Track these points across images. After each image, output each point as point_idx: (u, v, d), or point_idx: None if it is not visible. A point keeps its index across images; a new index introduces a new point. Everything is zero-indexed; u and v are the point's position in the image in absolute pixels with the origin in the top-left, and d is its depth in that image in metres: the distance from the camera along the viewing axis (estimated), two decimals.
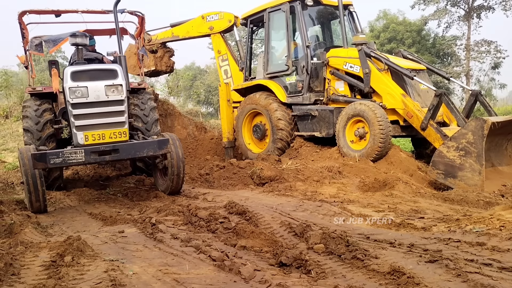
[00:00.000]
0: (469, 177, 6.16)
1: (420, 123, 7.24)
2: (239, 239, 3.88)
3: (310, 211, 4.92)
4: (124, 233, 4.24)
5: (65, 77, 5.61)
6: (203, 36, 11.12)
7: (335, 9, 9.21)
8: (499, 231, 3.68)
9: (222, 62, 10.83)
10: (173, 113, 12.01)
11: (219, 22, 10.68)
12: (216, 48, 10.91)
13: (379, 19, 34.39)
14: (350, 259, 3.27)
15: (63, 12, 7.51)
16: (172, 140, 6.22)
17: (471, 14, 30.02)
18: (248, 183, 7.12)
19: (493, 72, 30.78)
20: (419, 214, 4.64)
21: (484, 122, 6.06)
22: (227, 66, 10.76)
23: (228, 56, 10.70)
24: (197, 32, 10.96)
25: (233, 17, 10.53)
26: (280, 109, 9.00)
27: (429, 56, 30.06)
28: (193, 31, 11.00)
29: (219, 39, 10.80)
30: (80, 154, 5.40)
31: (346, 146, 7.88)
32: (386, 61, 7.91)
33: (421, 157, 8.10)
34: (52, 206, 6.12)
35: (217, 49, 10.90)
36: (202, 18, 10.86)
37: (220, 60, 10.89)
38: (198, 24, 10.92)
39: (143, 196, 6.45)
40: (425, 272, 2.93)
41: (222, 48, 10.81)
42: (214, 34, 10.75)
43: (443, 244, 3.51)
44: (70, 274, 3.00)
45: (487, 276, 2.80)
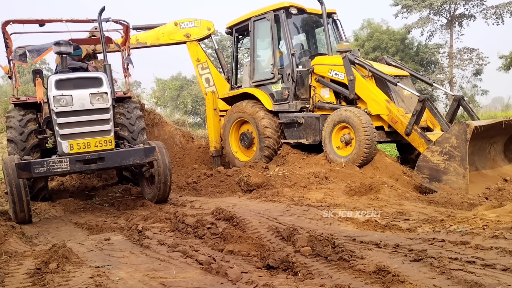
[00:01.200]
0: (454, 181, 6.24)
1: (404, 129, 7.33)
2: (226, 244, 3.88)
3: (297, 216, 4.94)
4: (110, 241, 4.21)
5: (49, 86, 5.58)
6: (176, 43, 10.69)
7: (319, 18, 9.33)
8: (482, 230, 3.75)
9: (202, 70, 10.66)
10: (160, 122, 11.97)
11: (196, 30, 10.53)
12: (194, 56, 10.67)
13: (363, 28, 34.83)
14: (337, 260, 3.29)
15: (47, 21, 7.48)
16: (159, 148, 6.21)
17: (453, 23, 30.60)
18: (235, 190, 7.13)
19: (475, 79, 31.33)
20: (404, 216, 4.70)
21: (467, 126, 6.16)
22: (208, 74, 10.63)
23: (208, 64, 10.60)
24: (169, 39, 10.56)
25: (212, 25, 10.52)
26: (266, 117, 9.05)
27: (413, 64, 30.48)
28: (164, 38, 10.56)
29: (197, 47, 10.64)
30: (65, 163, 5.35)
31: (332, 152, 7.94)
32: (370, 68, 8.03)
33: (406, 162, 8.20)
34: (37, 216, 6.04)
35: (195, 57, 10.67)
36: (175, 24, 10.55)
37: (199, 68, 10.69)
38: (170, 31, 10.54)
39: (129, 205, 6.41)
40: (410, 271, 2.97)
41: (201, 56, 10.67)
42: (190, 41, 10.54)
43: (427, 244, 3.56)
44: (55, 281, 2.97)
45: (471, 273, 2.84)
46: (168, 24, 10.62)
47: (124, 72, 8.55)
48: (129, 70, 8.45)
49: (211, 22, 10.57)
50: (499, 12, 28.74)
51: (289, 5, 8.91)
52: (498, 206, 4.47)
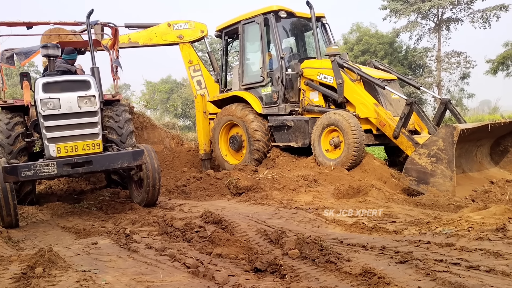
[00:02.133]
0: (441, 183, 6.31)
1: (392, 132, 7.40)
2: (214, 247, 3.88)
3: (285, 219, 4.95)
4: (98, 245, 4.18)
5: (37, 89, 5.54)
6: (168, 44, 10.69)
7: (308, 21, 9.40)
8: (467, 232, 3.79)
9: (194, 72, 10.71)
10: (149, 126, 11.94)
11: (190, 32, 10.56)
12: (187, 58, 10.70)
13: (352, 32, 35.09)
14: (324, 263, 3.31)
15: (35, 24, 7.45)
16: (147, 151, 6.19)
17: (441, 27, 30.97)
18: (225, 193, 7.13)
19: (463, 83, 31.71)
20: (391, 218, 4.73)
21: (454, 129, 6.23)
22: (200, 76, 10.69)
23: (200, 66, 10.64)
24: (162, 40, 10.54)
25: (205, 28, 10.58)
26: (256, 120, 9.07)
27: (401, 67, 30.78)
28: (157, 39, 10.54)
29: (190, 49, 10.70)
30: (52, 166, 5.31)
31: (321, 155, 7.98)
32: (359, 71, 8.09)
33: (394, 165, 8.27)
34: (24, 220, 5.99)
35: (187, 59, 10.70)
36: (169, 25, 10.56)
37: (191, 71, 10.74)
38: (163, 31, 10.54)
39: (118, 208, 6.38)
40: (396, 272, 2.99)
41: (194, 58, 10.71)
42: (183, 43, 10.56)
43: (413, 246, 3.60)
44: (41, 285, 2.95)
45: (455, 275, 2.87)
46: (162, 25, 10.60)
47: (112, 75, 8.52)
48: (117, 73, 8.42)
49: (204, 25, 10.62)
50: (486, 16, 29.16)
51: (278, 8, 8.95)
52: (483, 208, 4.52)
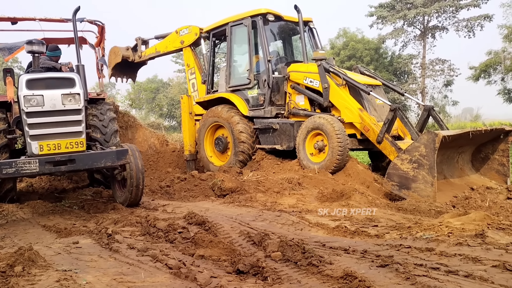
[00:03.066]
0: (422, 189, 6.40)
1: (376, 137, 7.48)
2: (197, 249, 3.87)
3: (269, 221, 4.97)
4: (79, 244, 4.15)
5: (20, 85, 5.47)
6: (178, 50, 11.22)
7: (296, 25, 9.45)
8: (447, 237, 3.86)
9: (190, 75, 10.95)
10: (134, 125, 11.86)
11: (188, 36, 10.84)
12: (186, 62, 11.03)
13: (339, 37, 35.38)
14: (306, 266, 3.33)
15: (20, 19, 7.36)
16: (132, 151, 6.15)
17: (426, 34, 31.43)
18: (209, 194, 7.12)
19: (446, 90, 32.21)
20: (373, 222, 4.79)
21: (436, 136, 6.32)
22: (194, 79, 10.90)
23: (195, 69, 10.79)
24: (172, 46, 11.15)
25: (198, 30, 10.68)
26: (242, 122, 9.08)
27: (386, 73, 31.14)
28: (170, 46, 11.19)
29: (189, 53, 10.93)
30: (34, 164, 5.24)
31: (306, 159, 8.03)
32: (344, 76, 8.16)
33: (377, 170, 8.36)
34: (4, 218, 5.89)
35: (186, 63, 11.03)
36: (176, 32, 10.99)
37: (189, 73, 11.00)
38: (173, 38, 11.08)
39: (100, 208, 6.32)
40: (376, 276, 3.03)
41: (191, 61, 10.93)
42: (185, 48, 10.90)
43: (394, 250, 3.65)
44: (20, 284, 2.91)
45: (434, 279, 2.92)
46: (173, 32, 11.13)
47: (98, 73, 8.46)
48: (103, 71, 8.36)
49: (197, 28, 10.80)
50: (470, 25, 29.70)
51: (266, 12, 8.99)
52: (463, 214, 4.60)
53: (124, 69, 12.26)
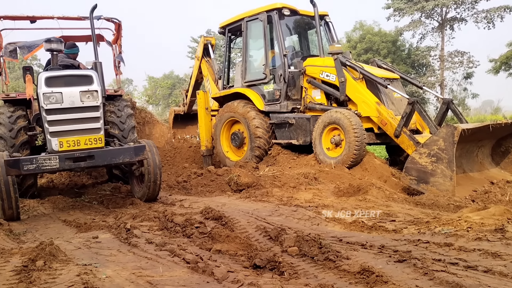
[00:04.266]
0: (441, 183, 6.32)
1: (393, 131, 7.40)
2: (214, 243, 3.90)
3: (285, 216, 4.97)
4: (98, 239, 4.21)
5: (40, 83, 5.56)
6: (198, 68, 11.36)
7: (312, 19, 9.39)
8: (466, 232, 3.81)
9: (206, 83, 11.14)
10: (151, 121, 11.98)
11: (199, 49, 11.28)
12: (203, 73, 11.24)
13: (356, 30, 35.04)
14: (323, 261, 3.33)
15: (38, 18, 7.47)
16: (149, 147, 6.21)
17: (445, 26, 30.89)
18: (225, 189, 7.15)
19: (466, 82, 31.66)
20: (390, 217, 4.75)
21: (455, 129, 6.24)
22: (209, 86, 11.06)
23: (209, 78, 10.95)
24: (195, 69, 11.50)
25: (203, 39, 11.12)
26: (258, 117, 9.08)
27: (404, 66, 30.74)
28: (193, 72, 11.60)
29: (203, 65, 11.17)
30: (54, 160, 5.33)
31: (322, 153, 7.99)
32: (361, 70, 8.09)
33: (395, 164, 8.27)
34: (25, 214, 6.01)
35: (204, 74, 11.23)
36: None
37: (206, 82, 11.21)
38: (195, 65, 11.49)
39: (119, 203, 6.41)
40: (394, 271, 3.01)
41: (205, 71, 11.14)
42: (200, 61, 11.17)
43: (412, 245, 3.61)
44: (42, 278, 2.98)
45: (453, 274, 2.89)
46: None
47: (115, 70, 8.55)
48: (120, 68, 8.45)
49: (203, 37, 11.26)
50: (490, 17, 29.09)
51: (282, 6, 8.95)
52: (482, 209, 4.53)
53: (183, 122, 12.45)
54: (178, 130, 12.34)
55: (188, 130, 12.45)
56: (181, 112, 12.23)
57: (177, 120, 12.32)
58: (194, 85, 11.58)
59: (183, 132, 12.33)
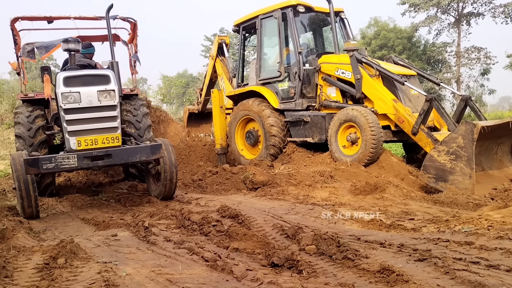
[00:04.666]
0: (460, 181, 6.23)
1: (411, 128, 7.32)
2: (231, 242, 3.91)
3: (302, 214, 4.96)
4: (117, 237, 4.25)
5: (58, 83, 5.63)
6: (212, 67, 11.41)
7: (327, 16, 9.33)
8: (487, 230, 3.75)
9: (221, 81, 11.20)
10: (166, 120, 12.05)
11: (213, 49, 11.32)
12: (218, 72, 11.29)
13: (370, 26, 34.74)
14: (341, 259, 3.31)
15: (56, 18, 7.56)
16: (165, 145, 6.25)
17: (461, 21, 30.43)
18: (240, 188, 7.16)
19: (483, 78, 31.16)
20: (409, 216, 4.70)
21: (474, 126, 6.15)
22: (223, 84, 11.11)
23: (223, 76, 10.96)
24: (209, 68, 11.55)
25: (217, 37, 11.16)
26: (272, 116, 9.06)
27: (419, 62, 30.38)
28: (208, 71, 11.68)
29: (218, 64, 11.20)
30: (72, 159, 5.40)
31: (338, 151, 7.95)
32: (377, 67, 8.01)
33: (412, 162, 8.19)
34: (45, 212, 6.11)
35: (218, 73, 11.27)
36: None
37: (220, 80, 11.26)
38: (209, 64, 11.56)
39: (136, 201, 6.46)
40: (414, 270, 2.98)
41: (219, 70, 11.17)
42: (214, 60, 11.23)
43: (432, 244, 3.57)
44: (63, 276, 3.02)
45: (475, 273, 2.85)
46: None
47: (131, 69, 8.62)
48: (136, 67, 8.50)
49: (217, 36, 11.33)
50: (508, 11, 28.55)
51: (296, 3, 8.90)
52: (503, 207, 4.46)
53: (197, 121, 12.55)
54: (192, 128, 12.41)
55: (202, 128, 12.51)
56: (195, 110, 12.29)
57: (191, 119, 12.39)
58: (209, 84, 11.63)
59: (197, 131, 12.40)
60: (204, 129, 12.50)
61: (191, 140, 11.83)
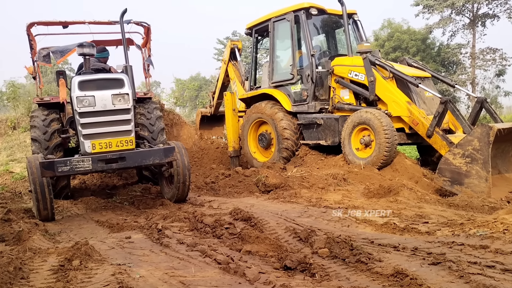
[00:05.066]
0: (476, 184, 6.16)
1: (426, 131, 7.24)
2: (244, 244, 3.91)
3: (314, 217, 4.94)
4: (131, 239, 4.29)
5: (73, 87, 5.71)
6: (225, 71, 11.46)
7: (340, 18, 9.30)
8: (503, 234, 3.70)
9: (233, 85, 11.27)
10: (179, 122, 12.12)
11: (226, 53, 11.36)
12: (230, 76, 11.35)
13: (384, 28, 34.50)
14: (354, 263, 3.29)
15: (70, 23, 7.66)
16: (178, 148, 6.28)
17: (476, 22, 30.07)
18: (253, 190, 7.16)
19: (498, 80, 30.71)
20: (423, 219, 4.65)
21: (490, 129, 6.07)
22: (235, 88, 11.18)
23: (236, 80, 10.99)
24: (222, 72, 11.61)
25: (230, 42, 11.20)
26: (285, 119, 9.05)
27: (434, 64, 30.06)
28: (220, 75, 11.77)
29: (230, 68, 11.25)
30: (87, 162, 5.47)
31: (351, 154, 7.90)
32: (391, 69, 7.95)
33: (426, 164, 8.10)
34: (60, 214, 6.18)
35: (231, 77, 11.33)
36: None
37: (232, 84, 11.34)
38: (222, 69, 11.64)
39: (149, 204, 6.51)
40: (428, 274, 2.95)
41: (231, 74, 11.22)
42: (226, 65, 11.28)
43: (446, 247, 3.53)
44: (78, 277, 3.05)
45: (490, 277, 2.81)
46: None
47: (144, 73, 8.69)
48: (149, 71, 8.57)
49: (229, 41, 11.42)
50: None
51: (309, 5, 8.89)
52: None
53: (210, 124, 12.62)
54: (205, 131, 12.48)
55: (215, 131, 12.57)
56: (207, 113, 12.35)
57: (203, 122, 12.45)
58: (221, 88, 11.68)
59: (210, 133, 12.47)
60: (216, 131, 12.56)
61: (204, 142, 11.87)
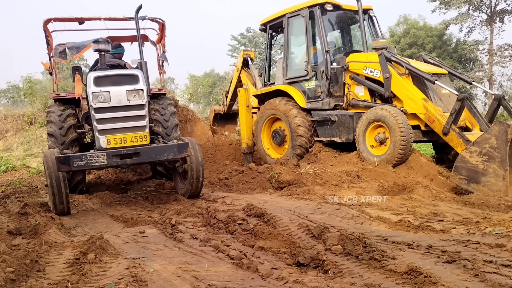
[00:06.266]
0: (493, 183, 6.07)
1: (442, 128, 7.15)
2: (257, 240, 3.92)
3: (328, 214, 4.92)
4: (145, 234, 4.33)
5: (88, 82, 5.76)
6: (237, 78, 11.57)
7: (355, 14, 9.22)
8: None
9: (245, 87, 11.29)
10: (192, 119, 12.17)
11: (238, 61, 11.52)
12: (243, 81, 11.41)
13: (399, 24, 34.14)
14: (368, 260, 3.27)
15: (86, 19, 7.73)
16: (192, 144, 6.31)
17: (494, 18, 29.55)
18: (266, 187, 7.16)
19: None
20: (438, 217, 4.60)
21: (508, 127, 5.98)
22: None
23: (248, 84, 11.05)
24: (234, 78, 11.74)
25: (242, 52, 11.33)
26: (299, 115, 9.01)
27: (450, 61, 29.66)
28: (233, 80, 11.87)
29: (243, 74, 11.33)
30: (102, 157, 5.52)
31: (366, 151, 7.84)
32: (407, 65, 7.86)
33: (441, 162, 8.00)
34: (75, 208, 6.26)
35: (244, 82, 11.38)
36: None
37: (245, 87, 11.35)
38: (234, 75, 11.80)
39: (163, 199, 6.56)
40: (443, 272, 2.92)
41: (244, 80, 11.29)
42: (239, 72, 11.39)
43: (461, 245, 3.49)
44: (93, 271, 3.09)
45: (506, 276, 2.77)
46: None
47: (159, 69, 8.73)
48: (164, 67, 8.61)
49: (242, 51, 11.55)
50: None
51: (324, 1, 8.82)
52: None
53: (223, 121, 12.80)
54: (218, 128, 12.55)
55: (228, 128, 12.63)
56: (220, 111, 12.41)
57: (216, 119, 12.52)
58: (233, 91, 11.70)
59: (223, 130, 12.54)
60: (229, 128, 12.63)
61: (217, 139, 11.92)
